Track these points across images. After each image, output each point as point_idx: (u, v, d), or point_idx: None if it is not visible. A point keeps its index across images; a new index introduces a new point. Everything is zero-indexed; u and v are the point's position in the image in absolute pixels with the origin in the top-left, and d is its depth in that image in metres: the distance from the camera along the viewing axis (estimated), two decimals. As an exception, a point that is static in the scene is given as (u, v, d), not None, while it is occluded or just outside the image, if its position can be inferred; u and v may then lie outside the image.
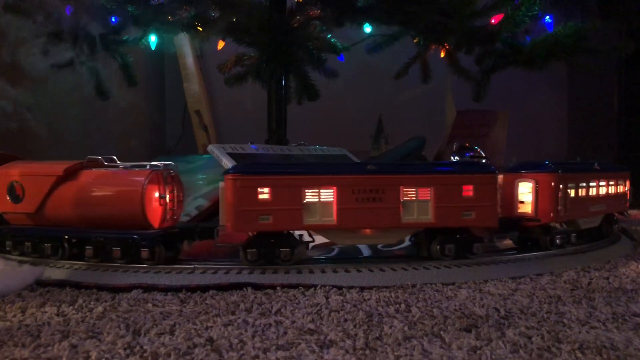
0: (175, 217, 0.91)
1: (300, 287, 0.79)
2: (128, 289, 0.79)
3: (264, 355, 0.53)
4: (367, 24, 1.53)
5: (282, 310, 0.68)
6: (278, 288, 0.79)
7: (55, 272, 0.85)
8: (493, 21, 1.35)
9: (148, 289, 0.79)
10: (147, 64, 2.29)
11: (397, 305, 0.70)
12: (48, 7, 1.29)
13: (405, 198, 0.85)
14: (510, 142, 1.95)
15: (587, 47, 1.36)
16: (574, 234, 1.03)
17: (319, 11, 1.26)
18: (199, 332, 0.59)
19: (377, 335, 0.58)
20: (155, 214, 0.86)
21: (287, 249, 0.84)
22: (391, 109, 2.29)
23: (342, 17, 1.28)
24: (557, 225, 1.01)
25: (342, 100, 2.21)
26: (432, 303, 0.71)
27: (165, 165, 0.89)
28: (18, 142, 1.68)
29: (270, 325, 0.62)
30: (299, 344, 0.55)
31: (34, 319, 0.65)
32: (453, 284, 0.82)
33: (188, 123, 2.36)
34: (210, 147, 1.07)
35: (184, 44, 2.22)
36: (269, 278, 0.81)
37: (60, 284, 0.81)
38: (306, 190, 0.83)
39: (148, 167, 0.87)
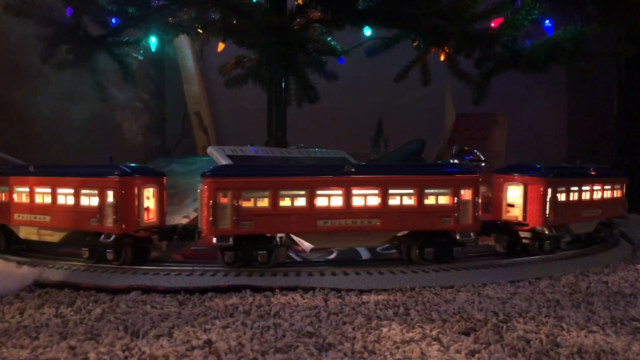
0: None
1: (299, 290, 0.79)
2: (126, 290, 0.79)
3: (263, 357, 0.53)
4: (367, 27, 1.53)
5: (280, 312, 0.68)
6: (277, 290, 0.79)
7: (54, 273, 0.85)
8: (493, 25, 1.35)
9: (146, 290, 0.79)
10: (147, 65, 2.30)
11: (396, 309, 0.70)
12: (49, 8, 1.29)
13: None
14: (509, 145, 1.95)
15: (587, 51, 1.36)
16: None
17: (319, 14, 1.26)
18: (198, 334, 0.59)
19: (376, 338, 0.58)
20: None
21: None
22: (391, 112, 2.29)
23: (342, 20, 1.28)
24: None
25: (342, 103, 2.21)
26: (430, 306, 0.71)
27: None
28: (18, 143, 1.68)
29: (268, 327, 0.62)
30: (298, 346, 0.55)
31: (32, 320, 0.65)
32: (452, 287, 0.82)
33: (188, 124, 2.36)
34: (209, 149, 1.07)
35: (184, 45, 2.22)
36: (268, 280, 0.81)
37: (59, 285, 0.81)
38: None
39: None
